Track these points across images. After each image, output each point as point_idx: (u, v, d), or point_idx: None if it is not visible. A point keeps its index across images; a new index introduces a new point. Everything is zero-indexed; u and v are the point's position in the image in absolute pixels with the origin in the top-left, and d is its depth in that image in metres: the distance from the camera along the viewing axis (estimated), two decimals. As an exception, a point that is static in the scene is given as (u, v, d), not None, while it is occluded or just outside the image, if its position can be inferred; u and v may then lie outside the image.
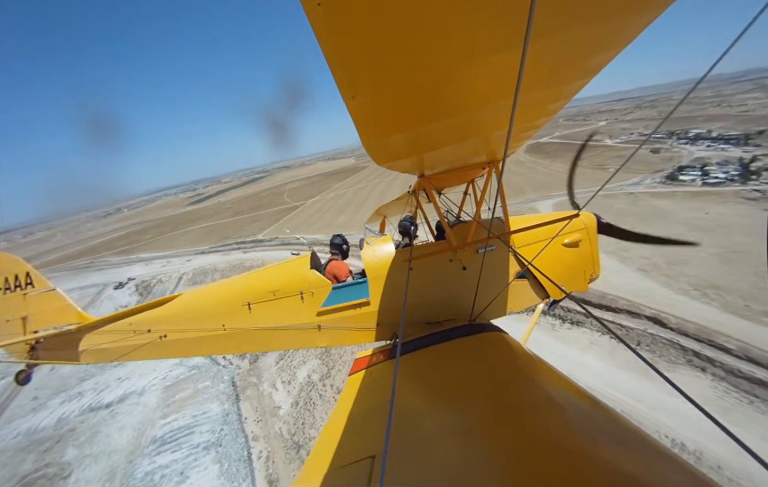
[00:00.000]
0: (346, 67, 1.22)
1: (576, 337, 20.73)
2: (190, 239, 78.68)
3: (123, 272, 62.35)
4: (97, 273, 67.17)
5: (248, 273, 4.57)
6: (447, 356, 3.22)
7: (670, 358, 18.07)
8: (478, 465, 1.71)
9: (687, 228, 30.46)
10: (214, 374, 26.20)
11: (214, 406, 22.38)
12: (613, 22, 1.38)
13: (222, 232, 78.29)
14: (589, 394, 2.19)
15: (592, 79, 1.89)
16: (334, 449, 2.29)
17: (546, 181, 56.76)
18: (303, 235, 58.98)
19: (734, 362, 16.80)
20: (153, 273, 57.29)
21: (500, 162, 3.00)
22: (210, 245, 68.83)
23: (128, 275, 58.57)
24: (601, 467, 1.57)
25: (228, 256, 58.40)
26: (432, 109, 1.78)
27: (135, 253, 77.25)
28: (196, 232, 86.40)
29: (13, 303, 4.18)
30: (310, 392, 21.13)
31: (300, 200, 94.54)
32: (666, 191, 43.18)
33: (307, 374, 22.68)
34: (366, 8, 0.99)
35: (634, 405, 15.68)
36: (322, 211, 76.44)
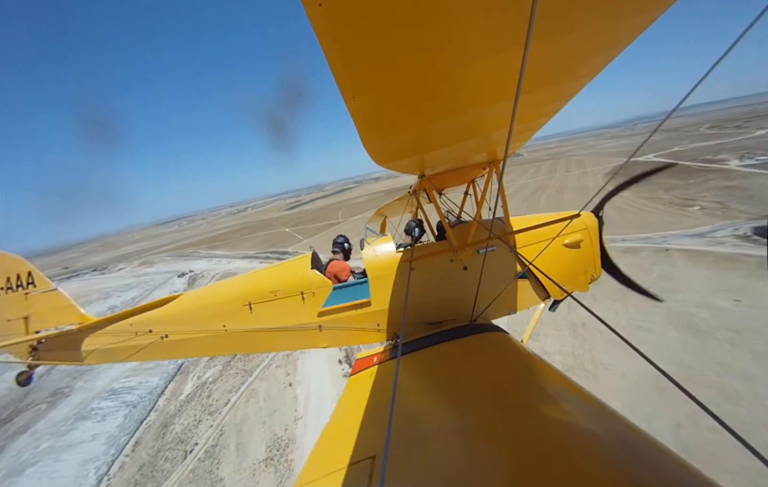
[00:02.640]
0: (347, 68, 1.23)
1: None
2: (252, 243, 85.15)
3: (194, 264, 74.56)
4: (184, 262, 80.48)
5: (249, 273, 4.57)
6: (448, 356, 3.21)
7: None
8: (479, 466, 1.71)
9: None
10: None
11: (155, 380, 26.25)
12: (614, 22, 1.38)
13: (275, 240, 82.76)
14: (591, 394, 2.18)
15: (593, 78, 1.88)
16: (335, 450, 2.29)
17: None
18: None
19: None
20: (204, 269, 67.70)
21: (501, 162, 3.00)
22: (255, 251, 75.85)
23: (191, 267, 70.71)
24: (603, 468, 1.56)
25: (252, 263, 65.60)
26: (433, 110, 1.79)
27: (214, 249, 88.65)
28: (260, 237, 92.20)
29: (14, 303, 4.16)
30: (205, 387, 24.03)
31: (348, 217, 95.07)
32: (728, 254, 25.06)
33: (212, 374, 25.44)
34: (367, 9, 0.99)
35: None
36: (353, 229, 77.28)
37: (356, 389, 3.15)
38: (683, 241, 29.89)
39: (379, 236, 4.25)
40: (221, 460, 16.58)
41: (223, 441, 17.78)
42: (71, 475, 17.65)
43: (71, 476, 17.60)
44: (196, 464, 16.67)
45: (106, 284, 76.35)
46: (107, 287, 70.86)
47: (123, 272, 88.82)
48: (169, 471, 16.56)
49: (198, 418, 20.31)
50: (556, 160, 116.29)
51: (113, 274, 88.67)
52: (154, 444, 19.04)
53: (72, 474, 17.66)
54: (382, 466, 1.35)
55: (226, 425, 19.27)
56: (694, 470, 1.49)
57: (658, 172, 4.12)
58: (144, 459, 17.90)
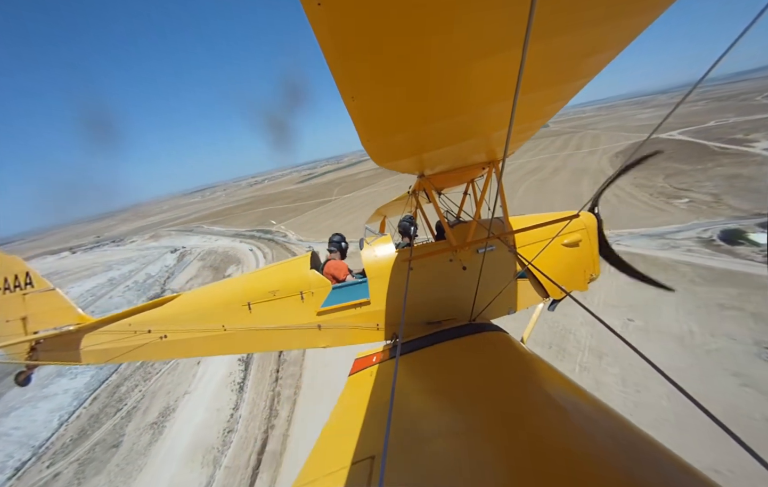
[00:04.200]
0: (346, 68, 1.21)
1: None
2: (246, 220, 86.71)
3: (188, 240, 77.76)
4: (183, 237, 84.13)
5: (248, 273, 4.61)
6: (447, 355, 3.19)
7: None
8: (479, 465, 1.69)
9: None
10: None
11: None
12: (613, 22, 1.36)
13: (272, 216, 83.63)
14: (590, 394, 2.16)
15: (592, 78, 1.86)
16: (334, 450, 2.29)
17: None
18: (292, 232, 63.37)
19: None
20: (195, 245, 71.12)
21: (500, 162, 2.96)
22: (246, 229, 77.01)
23: (184, 244, 73.63)
24: (602, 467, 1.57)
25: (234, 241, 67.89)
26: (432, 110, 1.76)
27: (215, 225, 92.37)
28: (257, 213, 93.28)
29: (12, 303, 4.12)
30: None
31: (342, 194, 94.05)
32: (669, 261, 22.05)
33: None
34: (366, 9, 0.98)
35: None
36: (345, 209, 75.07)
37: (355, 389, 3.12)
38: (636, 242, 26.94)
39: (378, 236, 4.21)
40: (132, 418, 20.35)
41: (140, 405, 21.49)
42: (42, 419, 22.12)
43: (42, 420, 22.05)
44: (119, 420, 20.54)
45: (112, 256, 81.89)
46: (112, 260, 75.44)
47: (133, 245, 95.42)
48: (103, 423, 20.72)
49: (136, 383, 24.11)
50: (574, 134, 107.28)
51: (125, 246, 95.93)
52: (106, 401, 22.85)
53: (42, 419, 22.13)
54: (381, 466, 1.33)
55: (148, 392, 22.74)
56: (692, 470, 1.48)
57: (640, 162, 4.01)
58: (94, 412, 22.01)
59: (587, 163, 61.61)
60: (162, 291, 52.89)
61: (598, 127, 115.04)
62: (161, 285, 55.33)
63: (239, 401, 19.25)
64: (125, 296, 55.24)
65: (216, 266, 57.17)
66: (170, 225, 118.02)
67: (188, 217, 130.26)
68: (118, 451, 17.85)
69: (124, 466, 16.79)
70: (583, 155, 69.60)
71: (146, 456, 17.18)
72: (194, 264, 60.40)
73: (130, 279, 59.97)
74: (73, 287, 61.11)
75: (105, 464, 17.17)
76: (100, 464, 17.27)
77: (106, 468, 16.90)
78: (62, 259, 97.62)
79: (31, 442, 19.94)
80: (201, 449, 16.79)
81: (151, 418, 19.56)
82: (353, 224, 62.53)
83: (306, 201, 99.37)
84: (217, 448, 16.74)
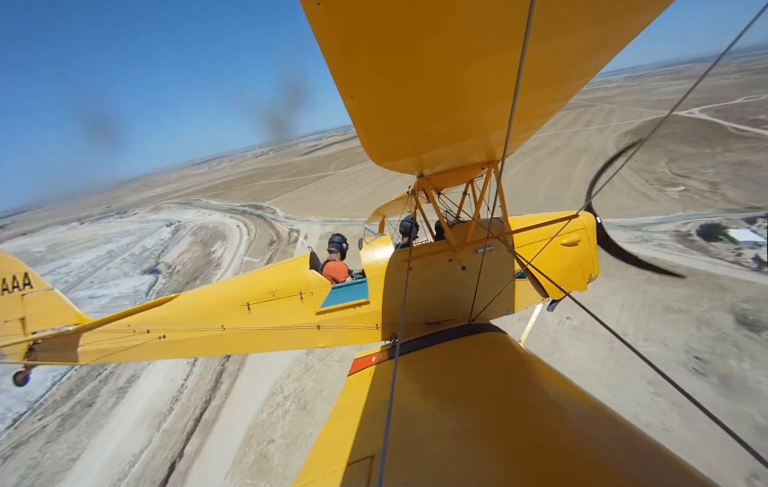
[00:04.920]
0: (346, 67, 1.21)
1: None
2: (243, 194, 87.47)
3: (184, 214, 79.29)
4: (181, 211, 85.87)
5: (247, 273, 4.57)
6: (446, 356, 3.19)
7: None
8: (478, 466, 1.69)
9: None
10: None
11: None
12: (613, 22, 1.35)
13: (270, 190, 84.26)
14: (589, 395, 2.18)
15: (592, 78, 1.85)
16: (333, 450, 2.29)
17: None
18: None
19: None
20: (189, 220, 72.63)
21: (499, 162, 2.95)
22: (240, 204, 77.97)
23: (180, 218, 75.07)
24: (600, 468, 1.58)
25: (225, 217, 69.40)
26: (431, 110, 1.76)
27: (214, 198, 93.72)
28: (256, 187, 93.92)
29: (11, 304, 4.12)
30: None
31: (339, 169, 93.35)
32: (659, 260, 19.52)
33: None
34: (366, 8, 0.98)
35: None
36: (336, 186, 74.65)
37: (355, 389, 3.13)
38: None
39: (377, 236, 4.20)
40: (107, 382, 22.64)
41: (116, 371, 23.67)
42: (38, 379, 23.59)
43: (37, 379, 23.54)
44: (97, 383, 22.80)
45: (114, 228, 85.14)
46: (111, 233, 78.01)
47: (135, 217, 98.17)
48: (86, 384, 23.16)
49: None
50: (588, 109, 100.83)
51: (128, 219, 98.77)
52: (93, 365, 25.55)
53: (38, 379, 24.16)
54: (381, 466, 1.34)
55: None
56: (691, 470, 1.49)
57: (620, 155, 4.02)
58: (82, 374, 24.18)
59: (591, 143, 58.25)
60: (156, 264, 54.84)
61: (617, 100, 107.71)
62: (156, 258, 57.25)
63: (190, 373, 20.78)
64: (122, 267, 57.52)
65: (205, 241, 58.61)
66: (173, 197, 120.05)
67: (191, 189, 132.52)
68: (90, 410, 20.24)
69: (91, 423, 19.26)
70: (591, 133, 65.75)
71: (108, 417, 19.46)
72: (186, 239, 61.82)
73: (127, 252, 62.55)
74: (75, 258, 64.41)
75: (79, 420, 19.68)
76: (76, 420, 19.82)
77: (79, 424, 19.39)
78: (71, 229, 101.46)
79: (27, 398, 22.44)
80: (151, 414, 19.05)
81: (120, 383, 21.64)
82: (343, 202, 62.19)
83: (303, 175, 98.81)
84: (164, 413, 18.82)
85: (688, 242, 22.05)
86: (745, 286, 16.65)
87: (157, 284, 48.38)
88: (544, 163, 48.88)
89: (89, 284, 55.00)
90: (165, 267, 54.32)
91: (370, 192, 62.00)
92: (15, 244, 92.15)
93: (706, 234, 22.25)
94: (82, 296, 49.71)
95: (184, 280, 46.59)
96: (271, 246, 49.69)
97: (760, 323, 14.34)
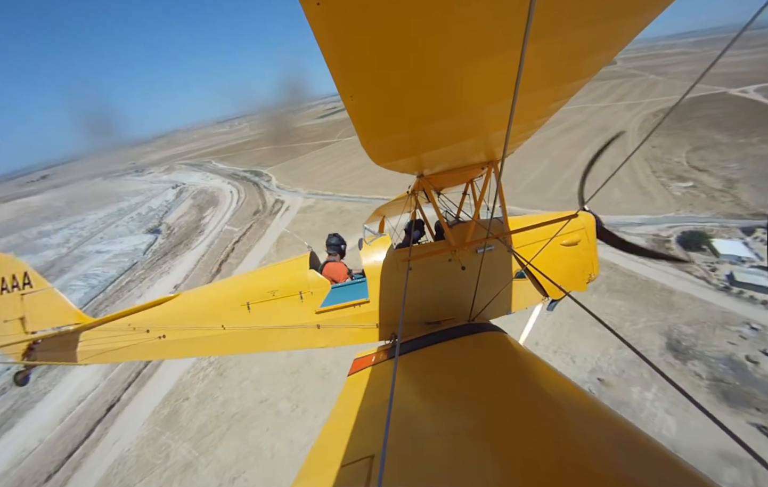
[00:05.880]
0: (345, 67, 1.21)
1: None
2: (249, 159, 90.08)
3: (189, 177, 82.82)
4: (191, 173, 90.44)
5: (247, 273, 4.56)
6: (446, 355, 3.19)
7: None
8: (477, 465, 1.70)
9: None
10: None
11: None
12: (612, 22, 1.36)
13: (275, 155, 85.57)
14: (588, 394, 2.20)
15: (591, 78, 1.88)
16: (333, 449, 2.29)
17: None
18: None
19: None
20: (193, 182, 76.86)
21: (499, 162, 2.96)
22: (243, 168, 79.93)
23: (184, 181, 79.33)
24: (599, 466, 1.59)
25: (224, 182, 71.87)
26: (431, 109, 1.77)
27: (222, 161, 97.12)
28: (263, 151, 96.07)
29: (10, 304, 4.08)
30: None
31: (344, 137, 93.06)
32: (618, 267, 18.12)
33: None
34: (365, 8, 0.98)
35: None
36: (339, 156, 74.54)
37: (355, 389, 3.12)
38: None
39: (377, 236, 4.18)
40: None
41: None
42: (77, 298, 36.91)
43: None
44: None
45: (127, 187, 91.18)
46: (123, 191, 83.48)
47: (149, 176, 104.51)
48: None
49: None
50: (628, 80, 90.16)
51: (142, 177, 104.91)
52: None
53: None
54: (380, 465, 1.35)
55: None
56: (690, 469, 1.51)
57: (606, 149, 3.98)
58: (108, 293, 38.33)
59: (612, 121, 52.43)
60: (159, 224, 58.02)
61: (667, 71, 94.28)
62: (159, 219, 60.51)
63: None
64: (128, 225, 61.48)
65: (201, 206, 60.87)
66: (188, 157, 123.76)
67: (207, 149, 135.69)
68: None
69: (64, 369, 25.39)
70: (618, 110, 59.05)
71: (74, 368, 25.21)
72: (187, 202, 64.50)
73: (135, 211, 66.90)
74: (90, 214, 69.32)
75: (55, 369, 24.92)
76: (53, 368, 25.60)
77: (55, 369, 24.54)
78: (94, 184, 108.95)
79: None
80: (104, 366, 22.31)
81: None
82: (333, 174, 61.42)
83: (310, 141, 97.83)
84: (111, 366, 23.92)
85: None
86: (699, 307, 14.76)
87: (156, 243, 51.74)
88: (550, 144, 44.69)
89: (99, 240, 59.72)
90: (165, 228, 57.50)
91: (362, 164, 60.40)
92: (43, 197, 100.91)
93: (687, 242, 19.49)
94: (90, 250, 54.06)
95: (177, 241, 49.51)
96: (254, 216, 50.74)
97: (691, 352, 12.78)
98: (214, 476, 19.43)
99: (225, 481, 19.04)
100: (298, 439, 20.02)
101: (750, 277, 18.35)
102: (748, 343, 14.49)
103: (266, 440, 20.47)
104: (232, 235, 48.32)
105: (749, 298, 16.27)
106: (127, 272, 46.79)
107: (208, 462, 19.98)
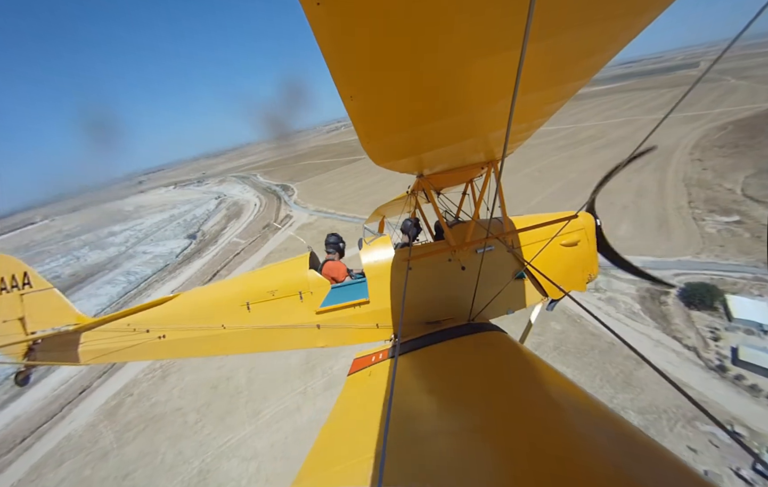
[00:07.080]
0: (345, 67, 1.24)
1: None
2: (286, 174, 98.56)
3: (232, 189, 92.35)
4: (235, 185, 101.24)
5: (247, 273, 4.61)
6: (446, 355, 3.23)
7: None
8: (477, 465, 1.70)
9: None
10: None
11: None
12: (612, 23, 1.37)
13: (308, 171, 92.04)
14: (589, 394, 2.16)
15: (591, 78, 1.90)
16: (333, 448, 2.33)
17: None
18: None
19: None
20: (232, 195, 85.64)
21: (499, 162, 3.00)
22: (276, 182, 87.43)
23: (227, 192, 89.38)
24: (599, 466, 1.59)
25: (256, 197, 79.50)
26: (430, 110, 1.79)
27: (266, 175, 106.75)
28: (300, 166, 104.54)
29: (10, 304, 4.11)
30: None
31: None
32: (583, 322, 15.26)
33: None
34: (365, 8, 1.00)
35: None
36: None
37: (355, 388, 3.18)
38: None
39: (377, 236, 4.24)
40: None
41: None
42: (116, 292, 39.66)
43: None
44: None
45: (184, 196, 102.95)
46: (177, 200, 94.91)
47: (204, 187, 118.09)
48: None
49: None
50: (704, 84, 77.07)
51: (200, 188, 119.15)
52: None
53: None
54: (380, 465, 1.35)
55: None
56: (689, 469, 1.51)
57: (634, 160, 3.61)
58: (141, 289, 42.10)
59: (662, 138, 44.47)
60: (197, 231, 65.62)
61: (754, 73, 77.28)
62: (199, 226, 68.22)
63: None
64: (174, 230, 69.43)
65: (230, 216, 67.75)
66: (240, 170, 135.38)
67: (257, 163, 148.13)
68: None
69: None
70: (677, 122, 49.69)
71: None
72: (222, 212, 72.01)
73: (182, 217, 75.94)
74: (148, 219, 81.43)
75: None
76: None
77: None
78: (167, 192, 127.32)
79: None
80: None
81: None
82: (345, 191, 62.18)
83: (342, 157, 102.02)
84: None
85: (649, 307, 14.66)
86: (666, 389, 10.22)
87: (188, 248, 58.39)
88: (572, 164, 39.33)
89: (149, 241, 67.32)
90: (201, 235, 63.86)
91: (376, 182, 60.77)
92: (131, 201, 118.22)
93: (692, 296, 14.47)
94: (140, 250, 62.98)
95: (198, 249, 55.74)
96: (264, 229, 54.20)
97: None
98: (114, 469, 22.45)
99: (120, 476, 21.80)
100: (185, 451, 22.26)
101: (762, 357, 13.58)
102: (716, 454, 9.65)
103: (164, 446, 23.15)
104: (237, 247, 52.34)
105: (749, 387, 11.48)
106: (157, 273, 51.52)
107: (117, 455, 23.30)
